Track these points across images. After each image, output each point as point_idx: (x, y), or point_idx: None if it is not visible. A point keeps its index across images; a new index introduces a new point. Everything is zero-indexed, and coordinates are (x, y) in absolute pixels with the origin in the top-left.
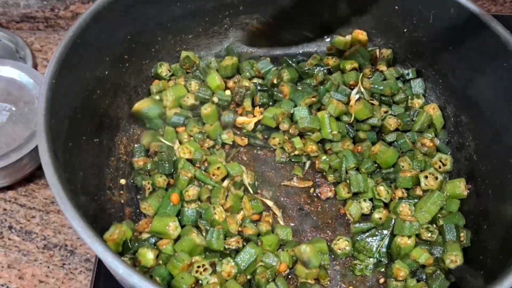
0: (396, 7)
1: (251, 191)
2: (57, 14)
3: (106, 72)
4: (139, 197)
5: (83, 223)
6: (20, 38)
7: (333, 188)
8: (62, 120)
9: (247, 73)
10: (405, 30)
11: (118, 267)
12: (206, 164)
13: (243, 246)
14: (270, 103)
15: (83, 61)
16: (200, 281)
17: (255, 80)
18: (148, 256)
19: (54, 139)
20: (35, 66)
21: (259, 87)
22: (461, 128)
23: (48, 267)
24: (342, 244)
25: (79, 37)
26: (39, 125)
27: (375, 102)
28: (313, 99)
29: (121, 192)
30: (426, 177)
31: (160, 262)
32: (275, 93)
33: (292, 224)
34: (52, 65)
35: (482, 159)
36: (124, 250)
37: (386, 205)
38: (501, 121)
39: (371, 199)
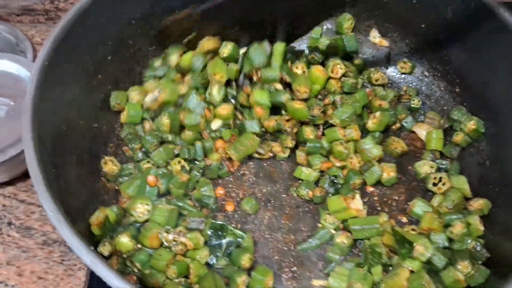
0: (415, 1)
1: None
2: (57, 6)
3: (109, 57)
4: None
5: (55, 207)
6: (20, 31)
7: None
8: (57, 101)
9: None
10: (422, 26)
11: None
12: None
13: None
14: None
15: (82, 45)
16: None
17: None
18: (123, 241)
19: (41, 123)
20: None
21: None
22: None
23: (48, 263)
24: None
25: (77, 21)
26: (26, 108)
27: None
28: None
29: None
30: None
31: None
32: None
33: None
34: (47, 46)
35: (494, 165)
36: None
37: None
38: None
39: None
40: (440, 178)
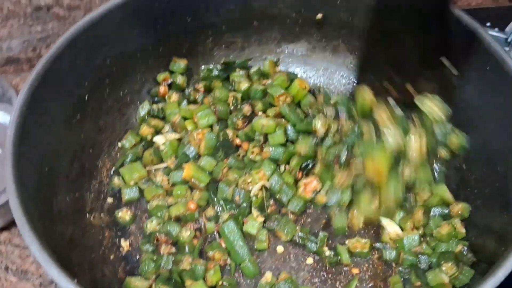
0: None
1: None
2: (39, 54)
3: (86, 97)
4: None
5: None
6: (6, 81)
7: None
8: (37, 145)
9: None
10: None
11: None
12: None
13: None
14: None
15: (59, 88)
16: None
17: None
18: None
19: (23, 166)
20: None
21: None
22: None
23: None
24: None
25: (52, 65)
26: (7, 153)
27: None
28: None
29: (102, 215)
30: None
31: None
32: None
33: None
34: (24, 92)
35: (471, 168)
36: None
37: None
38: (489, 127)
39: None
40: None
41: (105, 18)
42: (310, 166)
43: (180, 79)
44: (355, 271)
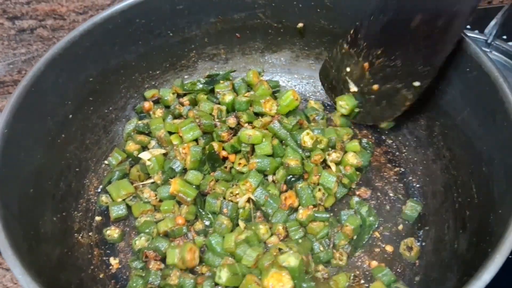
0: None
1: None
2: (24, 75)
3: (70, 116)
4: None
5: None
6: None
7: None
8: (20, 166)
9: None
10: None
11: None
12: None
13: None
14: None
15: (41, 108)
16: None
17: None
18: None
19: (6, 189)
20: None
21: None
22: (435, 139)
23: None
24: None
25: (34, 86)
26: None
27: None
28: None
29: (90, 233)
30: None
31: None
32: None
33: None
34: (5, 114)
35: (457, 169)
36: None
37: None
38: (471, 128)
39: None
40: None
41: (85, 36)
42: (294, 179)
43: (169, 96)
44: None
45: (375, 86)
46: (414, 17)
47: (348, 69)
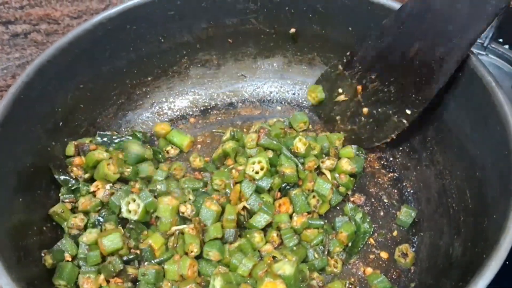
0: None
1: None
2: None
3: (61, 124)
4: None
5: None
6: None
7: None
8: (10, 174)
9: None
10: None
11: None
12: None
13: None
14: None
15: (31, 116)
16: None
17: None
18: None
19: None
20: None
21: None
22: (429, 144)
23: None
24: None
25: (22, 93)
26: None
27: None
28: None
29: None
30: None
31: None
32: None
33: None
34: None
35: (451, 174)
36: None
37: None
38: (464, 132)
39: None
40: None
41: (75, 43)
42: (289, 187)
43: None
44: None
45: (365, 110)
46: (412, 45)
47: (340, 90)
